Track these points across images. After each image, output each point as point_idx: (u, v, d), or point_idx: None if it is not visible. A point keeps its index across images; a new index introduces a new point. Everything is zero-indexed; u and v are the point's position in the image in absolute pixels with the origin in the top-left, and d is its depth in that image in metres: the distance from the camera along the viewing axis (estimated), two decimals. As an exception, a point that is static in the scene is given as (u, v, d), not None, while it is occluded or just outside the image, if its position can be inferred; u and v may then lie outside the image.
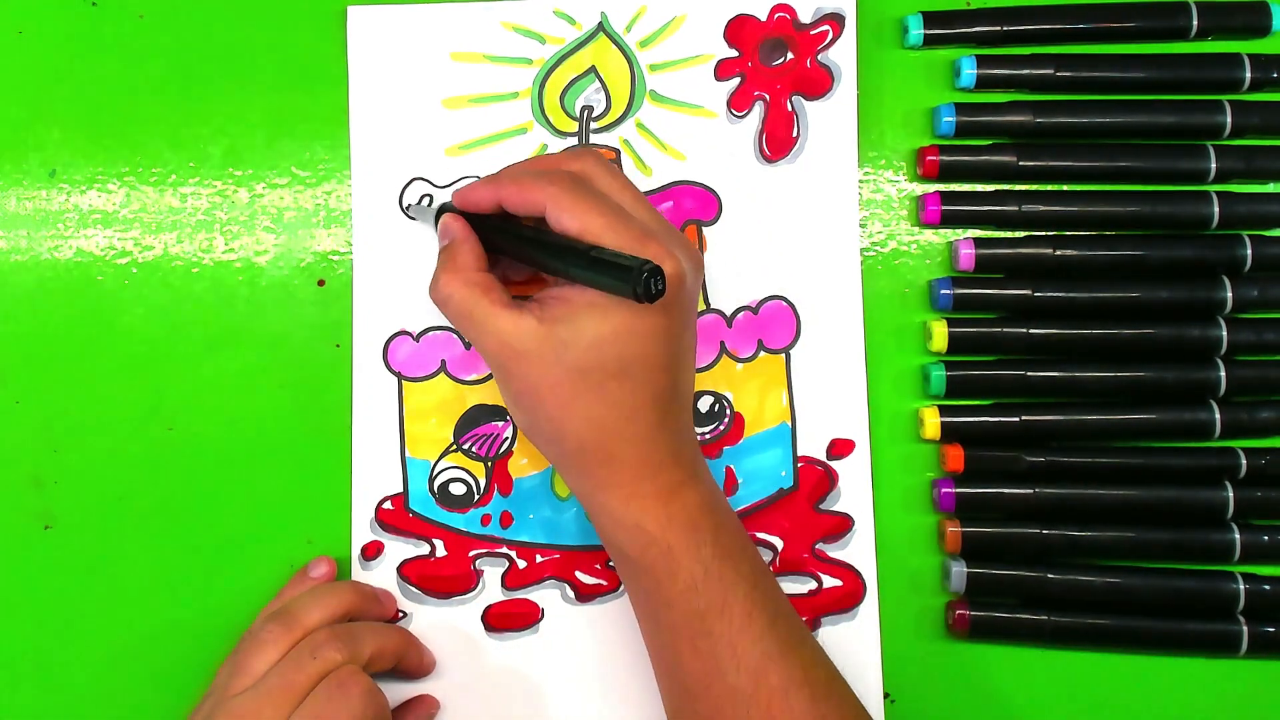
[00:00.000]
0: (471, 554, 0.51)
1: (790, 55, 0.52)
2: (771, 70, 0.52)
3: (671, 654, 0.44)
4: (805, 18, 0.52)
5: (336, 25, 0.52)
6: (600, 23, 0.52)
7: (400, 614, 0.51)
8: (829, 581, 0.51)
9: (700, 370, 0.52)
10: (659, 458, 0.44)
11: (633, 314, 0.43)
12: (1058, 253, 0.51)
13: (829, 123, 0.52)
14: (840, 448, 0.51)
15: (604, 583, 0.51)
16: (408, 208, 0.51)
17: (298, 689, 0.44)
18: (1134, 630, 0.50)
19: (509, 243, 0.46)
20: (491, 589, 0.51)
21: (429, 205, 0.51)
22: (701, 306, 0.52)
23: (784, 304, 0.52)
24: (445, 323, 0.51)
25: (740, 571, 0.44)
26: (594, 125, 0.52)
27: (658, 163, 0.52)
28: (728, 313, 0.52)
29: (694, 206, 0.52)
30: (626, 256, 0.41)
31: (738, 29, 0.52)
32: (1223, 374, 0.50)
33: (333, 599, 0.48)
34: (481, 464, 0.51)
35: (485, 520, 0.51)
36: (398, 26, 0.52)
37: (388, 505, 0.51)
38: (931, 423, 0.50)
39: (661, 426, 0.44)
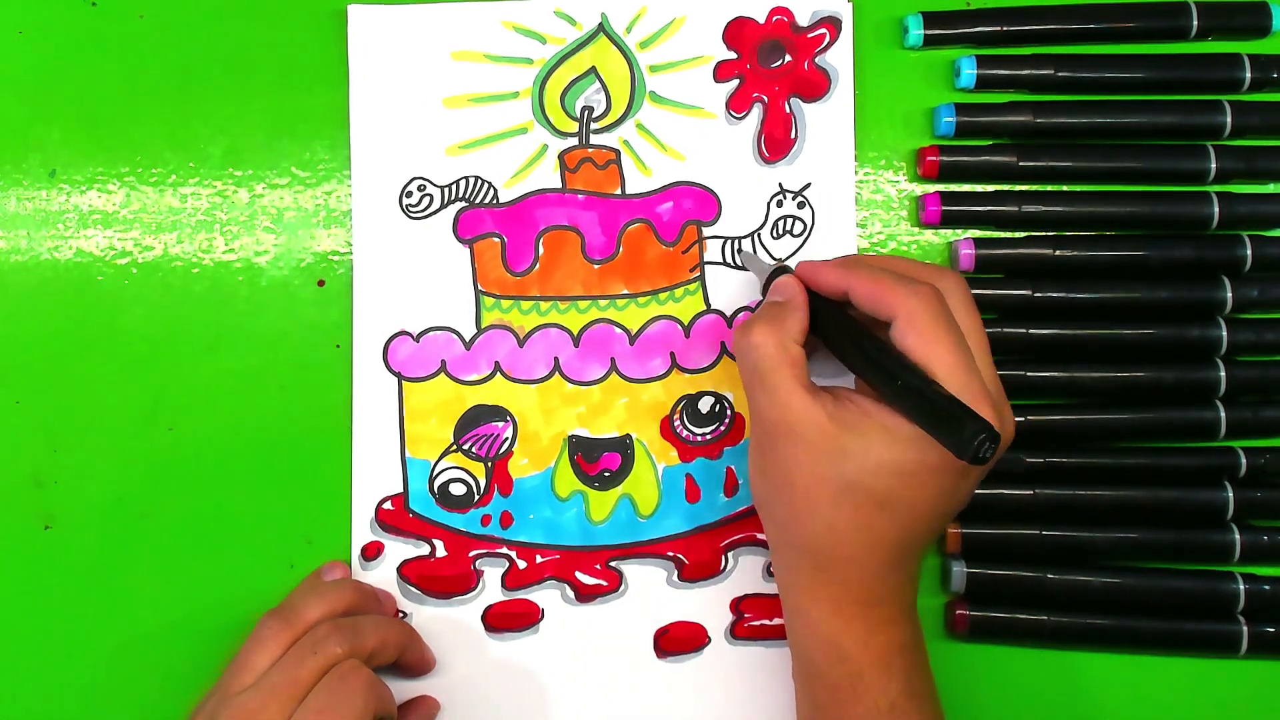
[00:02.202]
0: (471, 554, 0.51)
1: (788, 57, 0.52)
2: (770, 72, 0.52)
3: None
4: (803, 20, 0.52)
5: (336, 25, 0.52)
6: (600, 23, 0.52)
7: (400, 614, 0.51)
8: (829, 582, 0.51)
9: (700, 371, 0.52)
10: (881, 591, 0.43)
11: (925, 458, 0.41)
12: (1058, 253, 0.51)
13: (826, 125, 0.52)
14: (840, 448, 0.51)
15: (604, 583, 0.51)
16: (738, 252, 0.51)
17: (300, 684, 0.44)
18: (1134, 630, 0.50)
19: (835, 332, 0.44)
20: (491, 589, 0.51)
21: (761, 257, 0.50)
22: (701, 307, 0.52)
23: (784, 304, 0.52)
24: (445, 322, 0.51)
25: (924, 714, 0.43)
26: (594, 125, 0.52)
27: (657, 163, 0.52)
28: (728, 313, 0.52)
29: (694, 206, 0.52)
30: (969, 410, 0.39)
31: (736, 31, 0.52)
32: (1223, 374, 0.50)
33: (334, 595, 0.48)
34: (481, 464, 0.51)
35: (485, 520, 0.51)
36: (398, 26, 0.52)
37: (388, 505, 0.51)
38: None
39: (896, 566, 0.43)
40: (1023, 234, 0.51)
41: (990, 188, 0.52)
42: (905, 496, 0.41)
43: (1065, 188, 0.52)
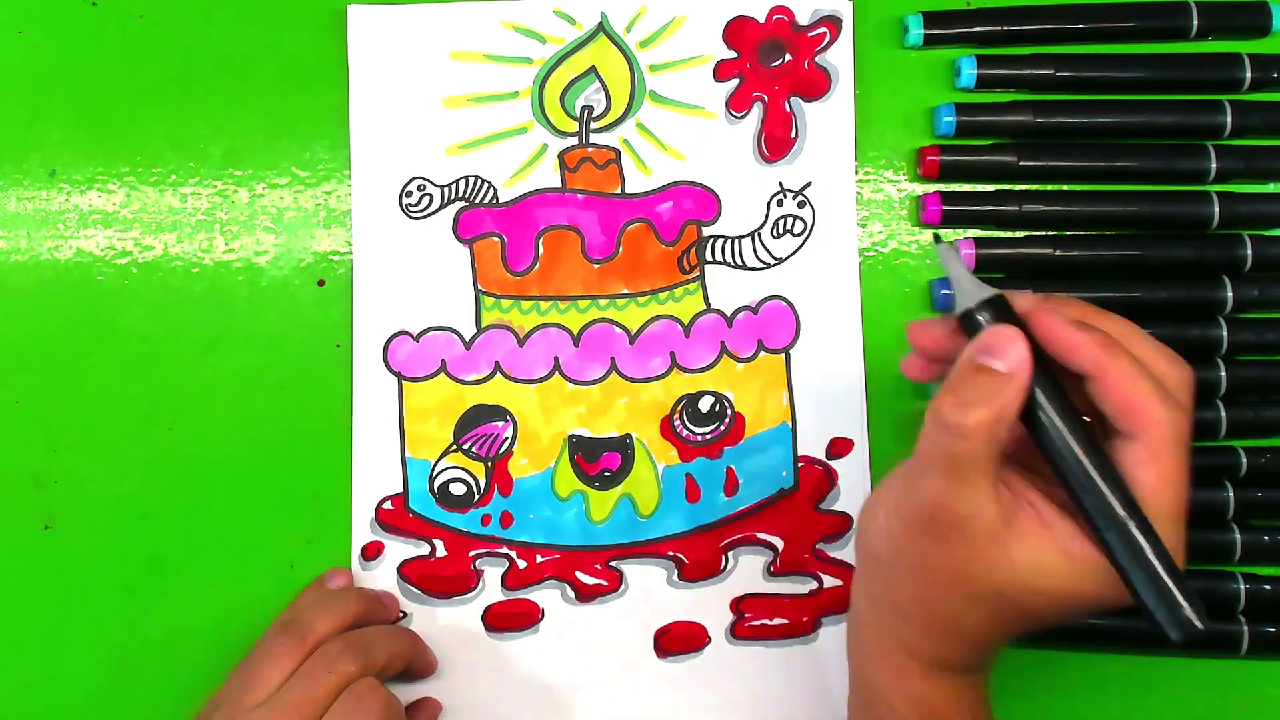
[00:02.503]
0: (471, 554, 0.51)
1: (788, 57, 0.52)
2: (770, 71, 0.52)
3: None
4: (803, 20, 0.52)
5: (336, 25, 0.52)
6: (600, 23, 0.52)
7: (401, 614, 0.51)
8: (829, 581, 0.51)
9: (700, 370, 0.52)
10: (979, 662, 0.41)
11: (1101, 594, 0.37)
12: (1058, 253, 0.51)
13: (827, 124, 0.52)
14: (839, 447, 0.51)
15: (604, 583, 0.51)
16: (938, 243, 0.40)
17: (316, 703, 0.43)
18: (1134, 630, 0.50)
19: (1056, 424, 0.36)
20: (491, 589, 0.51)
21: (960, 271, 0.38)
22: (701, 307, 0.52)
23: (784, 304, 0.52)
24: (445, 322, 0.51)
25: None
26: (594, 125, 0.52)
27: (658, 163, 0.52)
28: (728, 313, 0.52)
29: (694, 206, 0.52)
30: (1191, 592, 0.35)
31: (736, 30, 0.52)
32: (1223, 374, 0.50)
33: (341, 607, 0.48)
34: (481, 464, 0.51)
35: (485, 520, 0.51)
36: (398, 26, 0.52)
37: (388, 505, 0.51)
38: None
39: (993, 662, 0.41)
40: (1023, 234, 0.51)
41: (990, 187, 0.52)
42: (1053, 615, 0.38)
43: (1065, 188, 0.52)
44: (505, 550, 0.51)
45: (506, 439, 0.51)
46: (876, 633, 0.41)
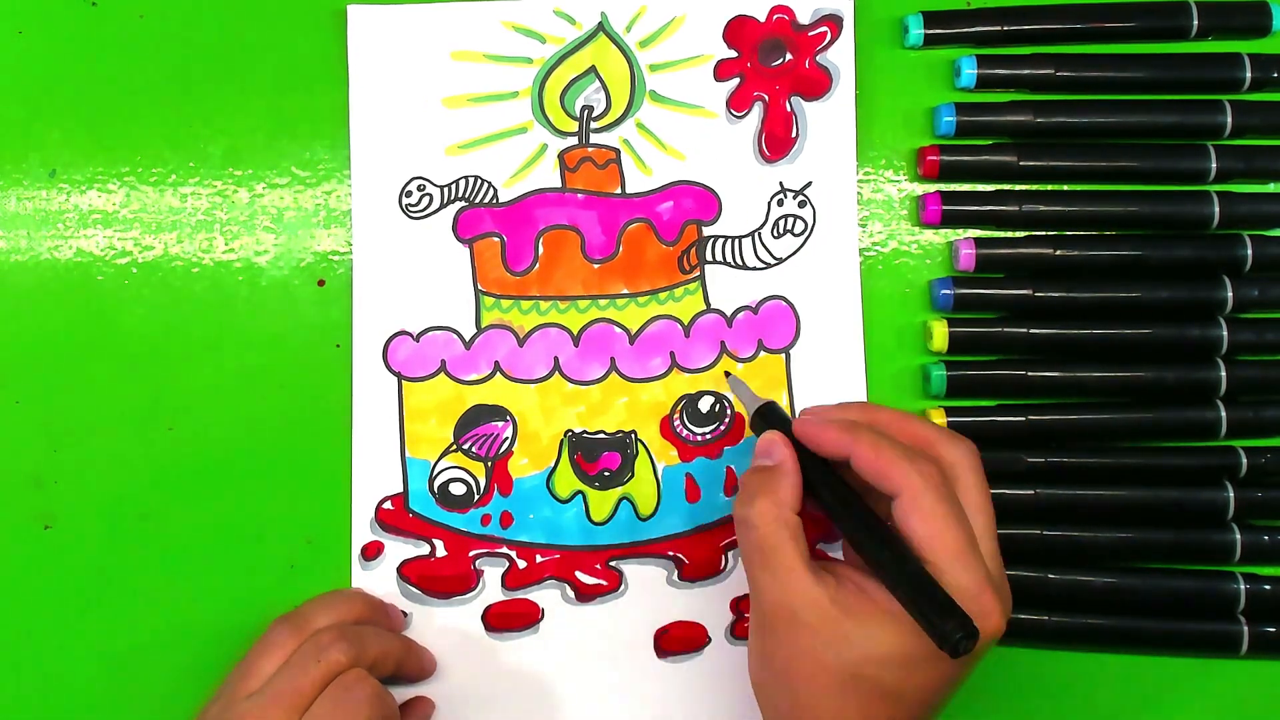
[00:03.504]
0: (471, 554, 0.51)
1: (789, 56, 0.52)
2: (770, 71, 0.52)
3: None
4: (804, 19, 0.52)
5: (336, 25, 0.52)
6: (600, 23, 0.52)
7: (403, 615, 0.51)
8: (829, 581, 0.51)
9: (700, 370, 0.52)
10: None
11: (929, 647, 0.39)
12: (1058, 253, 0.51)
13: (828, 123, 0.52)
14: (840, 448, 0.51)
15: (604, 583, 0.51)
16: (728, 374, 0.50)
17: (304, 693, 0.44)
18: (1134, 630, 0.50)
19: (832, 498, 0.42)
20: (491, 589, 0.51)
21: (744, 392, 0.49)
22: (701, 307, 0.52)
23: (784, 304, 0.52)
24: (445, 322, 0.51)
25: None
26: (594, 125, 0.52)
27: (658, 163, 0.52)
28: (728, 313, 0.52)
29: (694, 206, 0.52)
30: (953, 605, 0.38)
31: (737, 30, 0.52)
32: (1223, 374, 0.50)
33: (343, 605, 0.48)
34: (481, 464, 0.51)
35: (485, 520, 0.51)
36: (398, 26, 0.52)
37: (388, 505, 0.51)
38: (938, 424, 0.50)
39: None
40: (1023, 234, 0.51)
41: (990, 187, 0.52)
42: (912, 686, 0.40)
43: (1065, 187, 0.52)
44: (505, 550, 0.51)
45: (506, 439, 0.51)
46: None
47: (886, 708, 0.40)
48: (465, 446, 0.51)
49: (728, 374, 0.49)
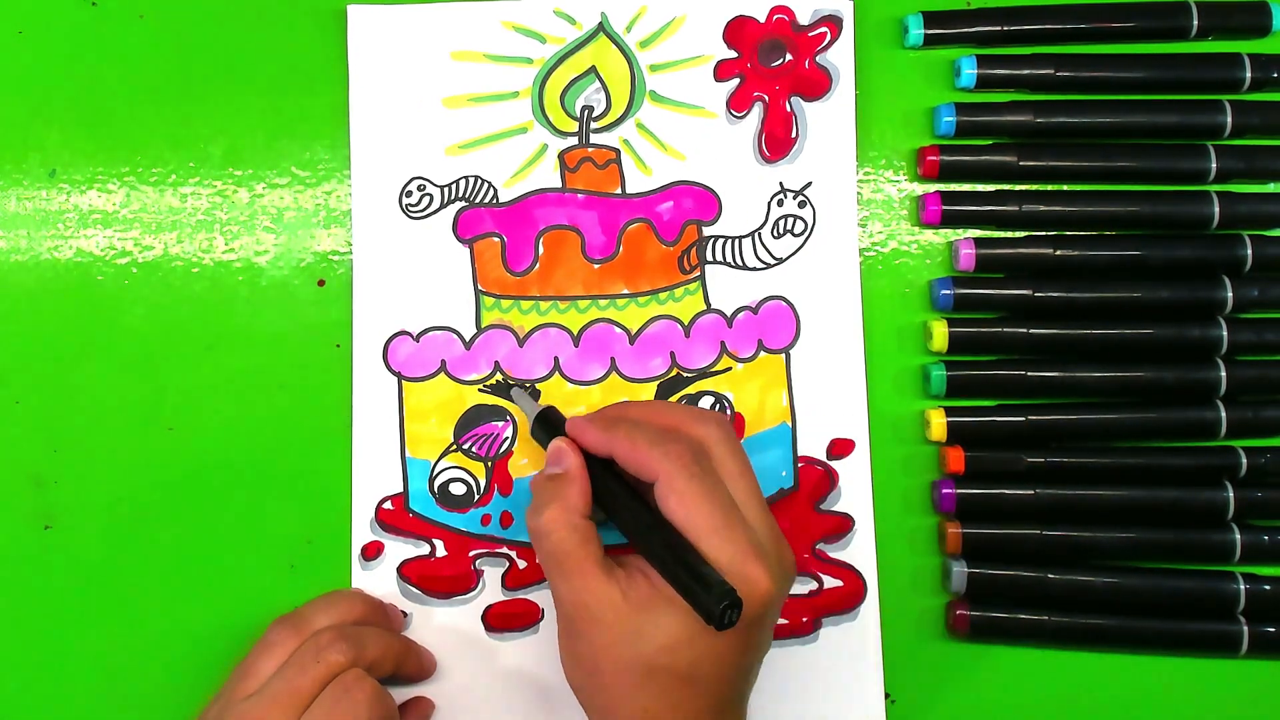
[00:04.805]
0: (471, 554, 0.51)
1: (789, 56, 0.52)
2: (770, 71, 0.52)
3: None
4: (804, 19, 0.52)
5: (336, 25, 0.52)
6: (600, 23, 0.52)
7: (403, 615, 0.51)
8: (830, 582, 0.51)
9: (700, 370, 0.52)
10: None
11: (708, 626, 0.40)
12: (1058, 253, 0.51)
13: (828, 124, 0.52)
14: (840, 448, 0.51)
15: (604, 583, 0.51)
16: (510, 387, 0.50)
17: (303, 693, 0.44)
18: (1134, 630, 0.50)
19: (610, 498, 0.44)
20: (491, 589, 0.51)
21: (533, 398, 0.50)
22: (701, 307, 0.52)
23: (784, 304, 0.52)
24: (445, 322, 0.51)
25: None
26: (594, 125, 0.52)
27: (658, 162, 0.52)
28: (728, 313, 0.52)
29: (694, 206, 0.52)
30: (713, 577, 0.40)
31: (737, 30, 0.52)
32: (1223, 374, 0.50)
33: (344, 605, 0.48)
34: (481, 464, 0.51)
35: (485, 520, 0.51)
36: (398, 26, 0.52)
37: (388, 505, 0.51)
38: (938, 424, 0.50)
39: None
40: (1023, 234, 0.51)
41: (990, 187, 0.52)
42: (707, 665, 0.41)
43: (1065, 188, 0.52)
44: (505, 550, 0.51)
45: (506, 439, 0.51)
46: None
47: (689, 692, 0.41)
48: (465, 446, 0.51)
49: (510, 386, 0.50)
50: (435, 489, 0.51)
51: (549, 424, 0.47)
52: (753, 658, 0.43)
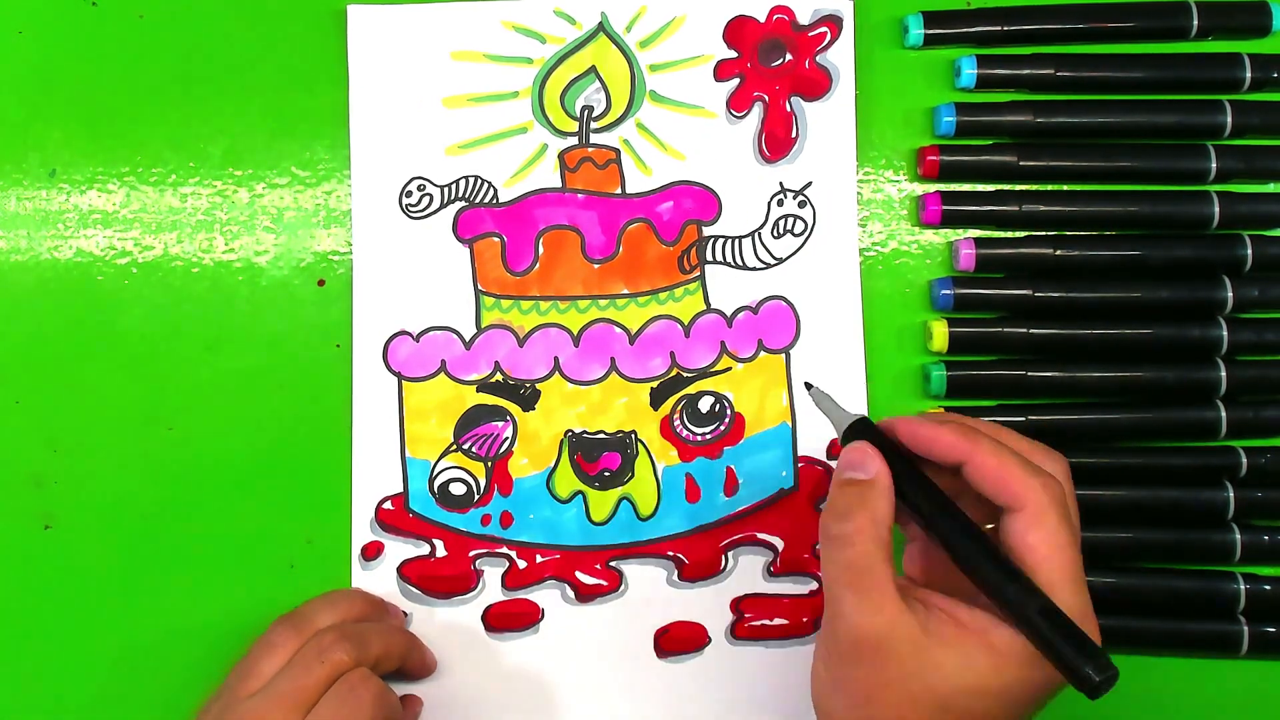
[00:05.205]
0: (471, 554, 0.51)
1: (789, 56, 0.52)
2: (770, 71, 0.52)
3: None
4: (804, 19, 0.52)
5: (336, 25, 0.52)
6: (600, 23, 0.52)
7: (403, 614, 0.51)
8: (829, 581, 0.51)
9: (700, 370, 0.52)
10: None
11: (1031, 676, 0.37)
12: (1058, 253, 0.51)
13: (828, 124, 0.52)
14: (840, 448, 0.51)
15: (604, 583, 0.51)
16: (810, 390, 0.45)
17: (307, 693, 0.44)
18: (1134, 630, 0.50)
19: (933, 510, 0.40)
20: (491, 589, 0.51)
21: (837, 403, 0.45)
22: (701, 307, 0.52)
23: (784, 304, 0.52)
24: (445, 322, 0.51)
25: None
26: (594, 125, 0.52)
27: (658, 163, 0.52)
28: (728, 313, 0.52)
29: (694, 206, 0.52)
30: (1094, 646, 0.36)
31: (737, 30, 0.52)
32: (1223, 374, 0.50)
33: (344, 604, 0.48)
34: (481, 464, 0.51)
35: (485, 520, 0.51)
36: (398, 26, 0.52)
37: (388, 505, 0.51)
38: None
39: None
40: (1023, 234, 0.51)
41: (990, 187, 0.52)
42: (997, 714, 0.38)
43: (1065, 187, 0.52)
44: (505, 550, 0.51)
45: (506, 439, 0.51)
46: None
47: None
48: (465, 446, 0.51)
49: (809, 386, 0.46)
50: (435, 489, 0.51)
51: (863, 432, 0.42)
52: (1033, 713, 0.40)
